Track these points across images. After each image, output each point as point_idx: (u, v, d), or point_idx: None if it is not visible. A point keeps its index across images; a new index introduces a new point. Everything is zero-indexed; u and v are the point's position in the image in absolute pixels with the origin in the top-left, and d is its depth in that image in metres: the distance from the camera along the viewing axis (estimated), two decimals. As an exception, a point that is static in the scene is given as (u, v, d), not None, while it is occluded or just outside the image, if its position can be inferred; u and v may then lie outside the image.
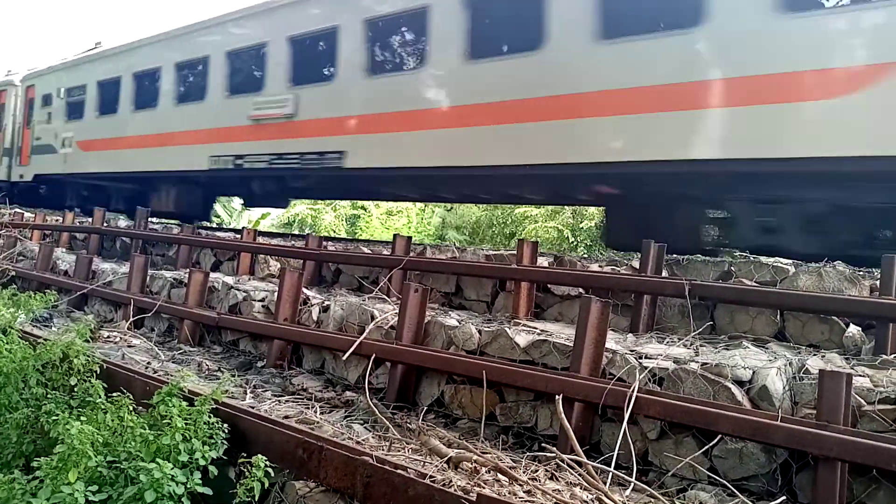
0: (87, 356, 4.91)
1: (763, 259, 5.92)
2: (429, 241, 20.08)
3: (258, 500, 3.47)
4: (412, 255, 7.68)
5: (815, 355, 4.59)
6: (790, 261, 6.11)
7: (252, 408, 4.48)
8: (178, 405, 3.90)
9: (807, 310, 5.08)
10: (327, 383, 5.68)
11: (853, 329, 4.94)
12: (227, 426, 3.93)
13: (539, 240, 16.15)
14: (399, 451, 3.91)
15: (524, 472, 3.63)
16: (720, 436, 3.71)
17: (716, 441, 3.74)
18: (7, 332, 5.60)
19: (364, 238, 20.66)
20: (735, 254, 6.32)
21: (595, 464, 3.69)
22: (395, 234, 8.61)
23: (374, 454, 3.47)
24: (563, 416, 3.96)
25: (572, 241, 22.16)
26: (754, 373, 3.96)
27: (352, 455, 3.46)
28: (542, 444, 4.16)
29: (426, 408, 4.98)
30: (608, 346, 4.45)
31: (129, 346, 6.71)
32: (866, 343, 4.85)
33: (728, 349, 4.66)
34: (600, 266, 6.68)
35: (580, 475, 3.53)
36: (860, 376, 3.95)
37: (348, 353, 5.31)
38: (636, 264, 6.44)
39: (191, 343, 7.01)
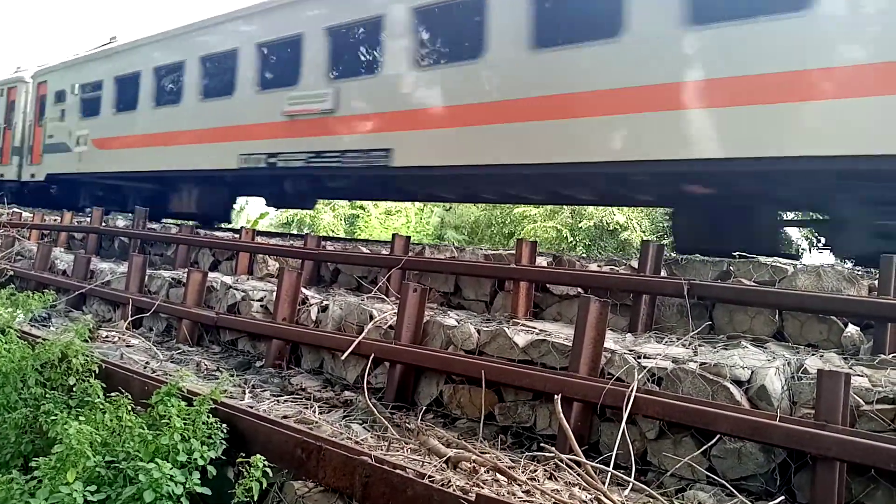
0: (86, 356, 4.91)
1: (761, 259, 5.89)
2: (427, 241, 20.10)
3: (257, 500, 3.47)
4: (411, 254, 7.68)
5: (813, 355, 4.59)
6: (789, 261, 6.09)
7: (251, 407, 4.48)
8: (177, 405, 3.90)
9: (805, 309, 5.08)
10: (326, 383, 5.68)
11: (852, 329, 4.95)
12: (225, 426, 3.93)
13: (538, 239, 16.18)
14: (398, 450, 3.91)
15: (523, 471, 3.63)
16: (719, 435, 3.71)
17: (714, 441, 3.74)
18: (6, 332, 5.60)
19: (363, 238, 20.67)
20: (734, 254, 6.22)
21: (594, 464, 3.69)
22: (393, 234, 8.61)
23: (372, 454, 3.47)
24: (562, 415, 3.96)
25: (571, 241, 22.19)
26: (753, 372, 3.97)
27: (350, 455, 3.47)
28: (541, 444, 4.16)
29: (425, 407, 4.98)
30: (607, 345, 4.45)
31: (128, 346, 6.71)
32: (865, 343, 4.85)
33: (727, 349, 4.67)
34: (599, 266, 6.68)
35: (579, 475, 3.53)
36: (859, 376, 3.96)
37: (347, 353, 5.31)
38: (635, 264, 6.45)
39: (189, 343, 7.00)
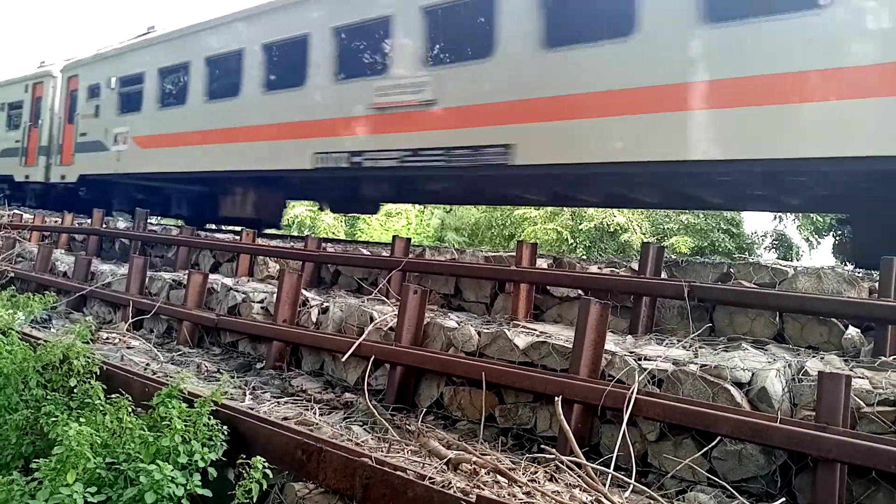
0: (88, 358, 4.92)
1: (762, 261, 5.88)
2: (428, 243, 20.13)
3: (258, 501, 3.47)
4: (411, 256, 7.68)
5: (814, 357, 4.59)
6: (788, 262, 6.05)
7: (251, 409, 4.48)
8: (178, 407, 3.91)
9: (806, 312, 5.08)
10: (326, 385, 5.68)
11: (852, 331, 4.94)
12: (226, 428, 3.93)
13: (538, 241, 16.18)
14: (398, 452, 3.91)
15: (523, 473, 3.63)
16: (719, 437, 3.71)
17: (715, 443, 3.74)
18: (7, 334, 5.60)
19: (363, 240, 20.68)
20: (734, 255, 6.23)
21: (594, 465, 3.69)
22: (394, 236, 8.61)
23: (373, 456, 3.47)
24: (563, 417, 3.96)
25: (571, 243, 22.22)
26: (753, 374, 3.97)
27: (351, 456, 3.47)
28: (542, 446, 4.16)
29: (425, 409, 4.98)
30: (607, 347, 4.46)
31: (128, 348, 6.71)
32: (865, 345, 4.85)
33: (727, 351, 4.67)
34: (599, 268, 6.68)
35: (579, 477, 3.53)
36: (859, 378, 3.96)
37: (347, 355, 5.31)
38: (635, 266, 6.45)
39: (190, 344, 7.00)
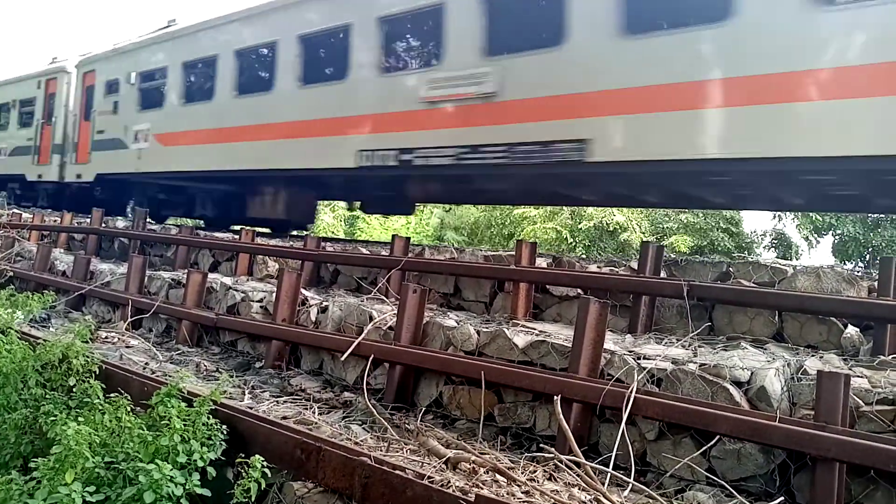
0: (87, 357, 4.91)
1: (761, 260, 5.88)
2: (427, 242, 20.14)
3: (257, 500, 3.47)
4: (411, 255, 7.68)
5: (813, 356, 4.60)
6: (788, 261, 6.05)
7: (250, 408, 4.48)
8: (177, 406, 3.90)
9: (805, 311, 5.08)
10: (325, 384, 5.68)
11: (851, 330, 4.95)
12: (225, 427, 3.93)
13: (537, 240, 16.19)
14: (397, 451, 3.91)
15: (522, 472, 3.63)
16: (718, 436, 3.71)
17: (714, 442, 3.74)
18: (6, 333, 5.60)
19: (362, 239, 20.68)
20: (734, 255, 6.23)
21: (593, 464, 3.69)
22: (393, 235, 8.61)
23: (372, 455, 3.47)
24: (562, 416, 3.96)
25: (571, 242, 22.23)
26: (752, 374, 3.97)
27: (350, 456, 3.47)
28: (541, 445, 4.16)
29: (424, 408, 4.98)
30: (606, 346, 4.46)
31: (128, 347, 6.71)
32: (864, 344, 4.85)
33: (726, 350, 4.67)
34: (599, 267, 6.68)
35: (578, 476, 3.53)
36: (858, 377, 3.96)
37: (346, 354, 5.31)
38: (634, 265, 6.45)
39: (189, 344, 7.00)
